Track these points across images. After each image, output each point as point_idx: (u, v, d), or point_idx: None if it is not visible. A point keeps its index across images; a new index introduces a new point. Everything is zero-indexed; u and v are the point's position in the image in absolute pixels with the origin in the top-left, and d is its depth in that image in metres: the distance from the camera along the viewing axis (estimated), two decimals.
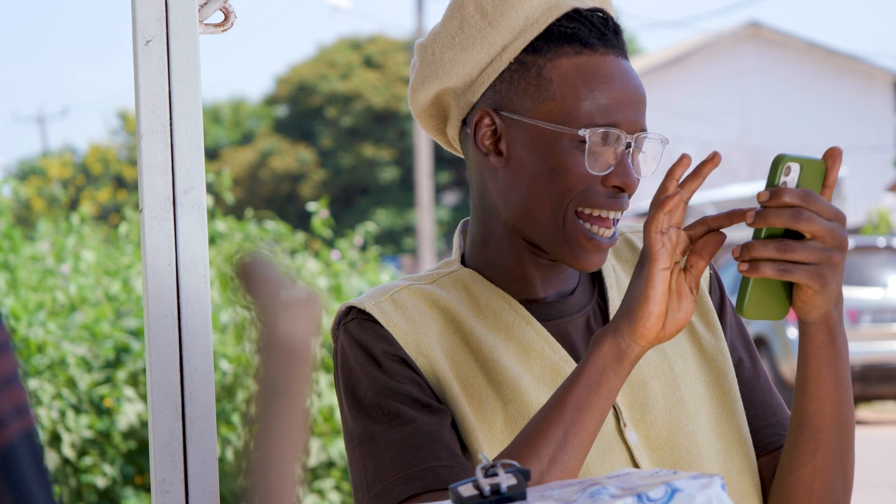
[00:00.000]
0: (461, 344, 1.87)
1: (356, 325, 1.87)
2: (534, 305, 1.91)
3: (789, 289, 1.76)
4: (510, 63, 1.87)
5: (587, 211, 1.85)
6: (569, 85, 1.84)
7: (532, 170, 1.85)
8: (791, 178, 1.73)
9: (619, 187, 1.85)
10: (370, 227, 9.09)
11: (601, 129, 1.83)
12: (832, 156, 1.74)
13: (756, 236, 1.74)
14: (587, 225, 1.85)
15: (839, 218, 1.73)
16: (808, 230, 1.71)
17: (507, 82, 1.87)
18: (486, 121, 1.89)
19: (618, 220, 1.88)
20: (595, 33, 1.86)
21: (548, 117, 1.85)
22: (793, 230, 1.73)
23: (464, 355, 1.87)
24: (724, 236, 1.75)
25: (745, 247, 1.73)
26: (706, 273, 2.00)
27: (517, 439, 1.73)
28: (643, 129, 1.87)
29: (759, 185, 28.73)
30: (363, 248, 8.98)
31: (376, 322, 1.87)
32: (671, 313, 1.72)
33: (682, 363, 1.92)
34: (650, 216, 1.72)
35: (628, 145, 1.85)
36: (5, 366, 1.10)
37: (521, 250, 1.90)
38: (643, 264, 1.71)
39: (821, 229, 1.72)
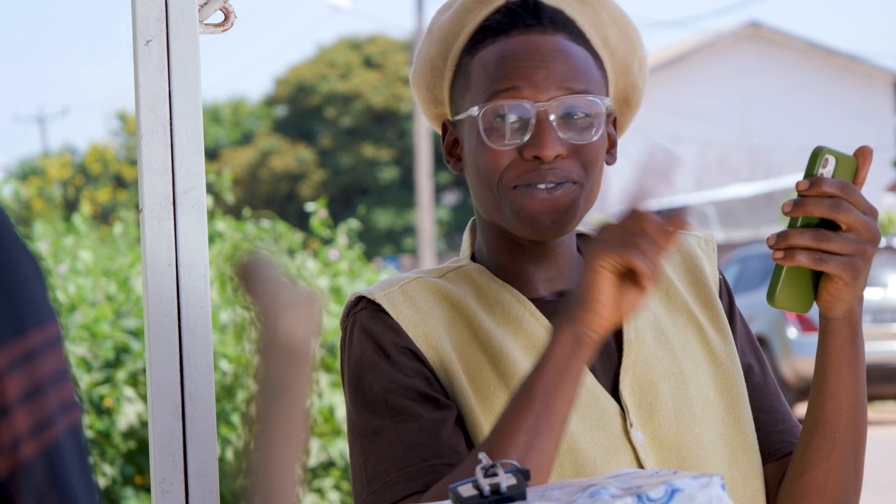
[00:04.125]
0: (469, 337, 1.87)
1: (366, 314, 1.87)
2: (540, 303, 1.91)
3: (815, 283, 1.78)
4: (454, 70, 1.92)
5: (516, 184, 1.83)
6: (481, 72, 1.87)
7: (470, 163, 1.88)
8: (828, 170, 1.78)
9: (538, 157, 1.83)
10: (353, 224, 9.03)
11: (496, 101, 1.83)
12: (863, 154, 1.80)
13: (791, 226, 1.77)
14: (522, 187, 1.84)
15: (872, 212, 1.77)
16: (845, 221, 1.75)
17: (453, 87, 1.92)
18: (447, 130, 1.93)
19: (557, 184, 1.84)
20: (510, 17, 1.88)
21: (466, 109, 1.88)
22: (826, 222, 1.76)
23: (472, 348, 1.86)
24: (681, 218, 1.70)
25: (780, 235, 1.76)
26: (716, 278, 1.99)
27: (491, 433, 1.72)
28: (564, 92, 1.83)
29: (759, 185, 28.76)
30: (350, 247, 8.95)
31: (386, 313, 1.86)
32: (627, 296, 1.69)
33: (691, 366, 1.91)
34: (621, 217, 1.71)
35: (543, 112, 1.82)
36: (56, 362, 1.12)
37: (509, 245, 1.90)
38: (586, 258, 1.70)
39: (857, 221, 1.75)
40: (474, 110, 1.84)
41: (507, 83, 1.84)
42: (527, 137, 1.83)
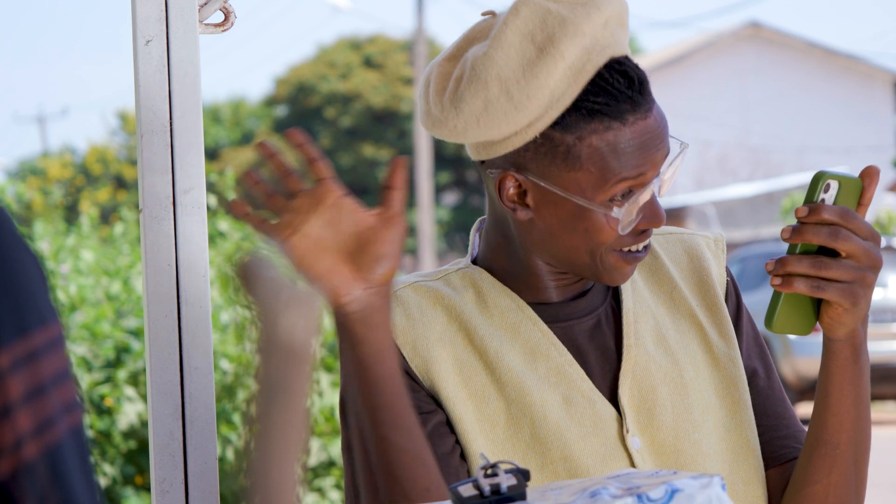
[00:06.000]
0: (465, 342, 1.86)
1: None
2: (541, 307, 1.90)
3: (817, 304, 1.78)
4: (536, 136, 1.81)
5: (622, 248, 1.83)
6: (599, 160, 1.79)
7: (564, 228, 1.82)
8: (829, 195, 1.77)
9: (653, 226, 1.83)
10: None
11: (631, 196, 1.79)
12: (869, 175, 1.78)
13: (790, 251, 1.77)
14: (625, 252, 1.83)
15: (874, 237, 1.76)
16: (844, 248, 1.75)
17: (532, 151, 1.82)
18: (510, 180, 1.83)
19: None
20: (623, 100, 1.80)
21: (575, 189, 1.80)
22: (827, 248, 1.75)
23: (467, 353, 1.86)
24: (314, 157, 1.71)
25: (779, 261, 1.75)
26: (723, 280, 1.98)
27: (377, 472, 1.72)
28: (667, 154, 1.83)
29: (759, 185, 28.76)
30: None
31: None
32: (361, 252, 1.69)
33: (692, 370, 1.90)
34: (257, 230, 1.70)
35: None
36: (58, 362, 1.12)
37: (541, 269, 1.88)
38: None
39: (856, 248, 1.75)
40: (617, 213, 1.79)
41: (636, 172, 1.79)
42: (641, 214, 1.81)
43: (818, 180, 1.76)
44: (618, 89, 1.80)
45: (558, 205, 1.82)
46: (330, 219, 1.68)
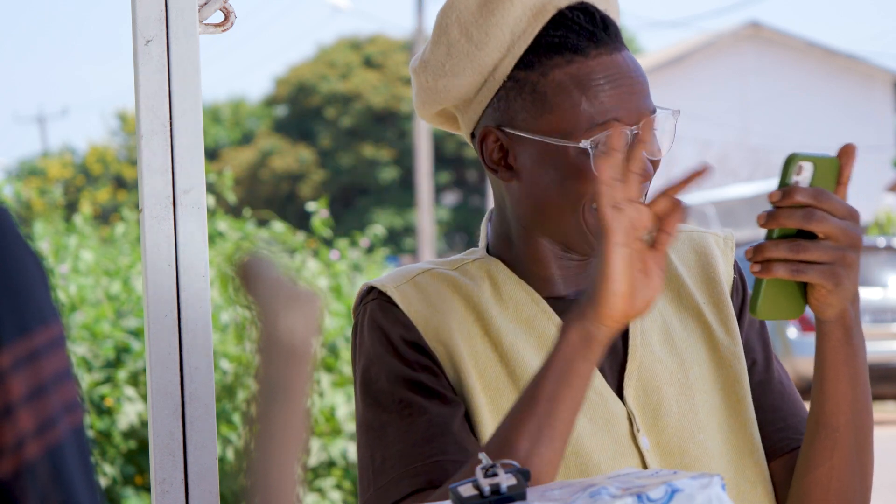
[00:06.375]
0: (481, 333, 1.86)
1: (376, 306, 1.86)
2: (556, 301, 1.89)
3: (804, 287, 1.76)
4: (504, 81, 1.84)
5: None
6: (564, 95, 1.81)
7: (545, 181, 1.83)
8: (804, 177, 1.73)
9: None
10: (378, 229, 9.13)
11: (603, 133, 1.80)
12: (846, 153, 1.74)
13: (768, 237, 1.74)
14: None
15: (852, 216, 1.73)
16: (820, 230, 1.71)
17: (504, 100, 1.85)
18: (492, 138, 1.86)
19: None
20: (584, 35, 1.82)
21: (548, 131, 1.81)
22: (806, 229, 1.72)
23: (483, 345, 1.85)
24: (684, 208, 1.68)
25: (757, 248, 1.73)
26: (730, 277, 1.98)
27: (493, 437, 1.71)
28: (650, 112, 1.83)
29: (759, 185, 28.77)
30: (370, 250, 8.99)
31: (396, 306, 1.85)
32: (638, 291, 1.66)
33: (697, 370, 1.90)
34: (599, 192, 1.67)
35: (635, 136, 1.81)
36: (59, 362, 1.12)
37: (544, 252, 1.88)
38: (600, 243, 1.67)
39: (833, 228, 1.72)
40: (585, 143, 1.79)
41: (608, 114, 1.80)
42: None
43: (790, 163, 1.72)
44: (578, 24, 1.82)
45: (536, 157, 1.83)
46: (643, 250, 1.67)
